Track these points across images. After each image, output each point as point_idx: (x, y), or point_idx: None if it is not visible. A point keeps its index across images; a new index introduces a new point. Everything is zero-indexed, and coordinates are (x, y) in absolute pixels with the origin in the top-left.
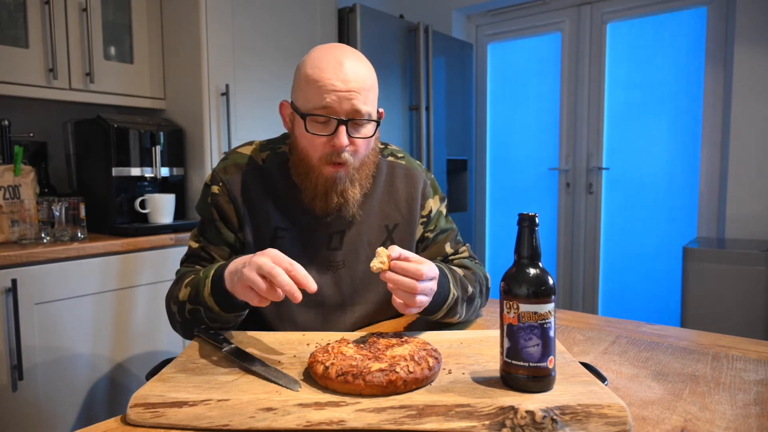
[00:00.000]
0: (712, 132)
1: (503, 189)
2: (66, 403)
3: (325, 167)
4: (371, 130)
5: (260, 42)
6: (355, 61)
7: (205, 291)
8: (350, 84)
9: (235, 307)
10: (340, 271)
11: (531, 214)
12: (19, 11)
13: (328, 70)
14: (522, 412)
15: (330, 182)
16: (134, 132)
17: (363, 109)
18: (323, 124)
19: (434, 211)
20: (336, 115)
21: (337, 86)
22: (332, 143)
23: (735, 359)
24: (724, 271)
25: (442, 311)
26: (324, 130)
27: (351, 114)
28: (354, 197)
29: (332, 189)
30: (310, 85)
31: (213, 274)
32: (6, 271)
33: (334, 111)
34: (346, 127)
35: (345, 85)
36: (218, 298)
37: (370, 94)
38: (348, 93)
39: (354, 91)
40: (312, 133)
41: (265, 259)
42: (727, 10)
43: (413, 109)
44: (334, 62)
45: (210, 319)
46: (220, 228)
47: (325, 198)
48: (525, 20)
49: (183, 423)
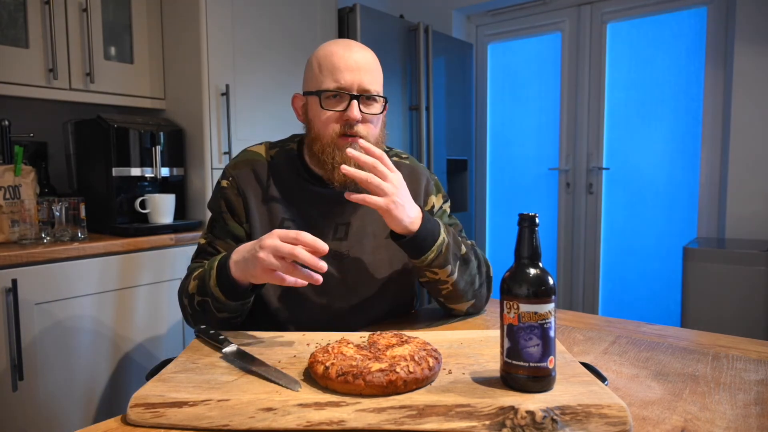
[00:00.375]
0: (712, 132)
1: (503, 189)
2: (66, 403)
3: (339, 140)
4: (380, 108)
5: (260, 42)
6: (362, 48)
7: (210, 282)
8: (360, 63)
9: (240, 294)
10: (345, 261)
11: (531, 214)
12: (19, 11)
13: (339, 54)
14: (522, 412)
15: (346, 155)
16: (134, 132)
17: (372, 87)
18: (336, 100)
19: (437, 208)
20: (348, 90)
21: (349, 65)
22: (345, 117)
23: (735, 359)
24: (724, 271)
25: (432, 252)
26: (337, 105)
27: (361, 90)
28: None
29: (348, 162)
30: (323, 68)
31: (217, 265)
32: (6, 271)
33: (346, 87)
34: (357, 102)
35: (356, 65)
36: (223, 288)
37: (377, 76)
38: (359, 71)
39: (363, 70)
40: (326, 109)
41: (276, 241)
42: (727, 10)
43: (413, 109)
44: (343, 48)
45: (217, 309)
46: (227, 220)
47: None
48: (525, 20)
49: (183, 423)
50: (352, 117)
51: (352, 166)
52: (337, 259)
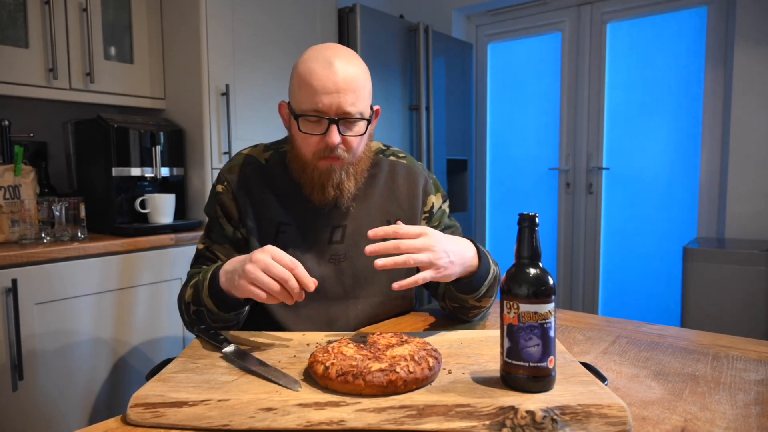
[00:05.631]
0: (712, 132)
1: (503, 189)
2: (66, 403)
3: (319, 162)
4: (363, 128)
5: (260, 42)
6: (345, 61)
7: (203, 293)
8: (340, 85)
9: (232, 306)
10: (342, 264)
11: (531, 214)
12: (19, 11)
13: (318, 72)
14: (522, 412)
15: (326, 175)
16: (134, 132)
17: (352, 109)
18: (315, 124)
19: (437, 208)
20: (326, 115)
21: (327, 88)
22: (324, 141)
23: (735, 359)
24: (724, 271)
25: (485, 286)
26: (316, 129)
27: (341, 114)
28: (349, 190)
29: (328, 182)
30: (302, 87)
31: (210, 276)
32: (6, 271)
33: (324, 111)
34: (337, 126)
35: (335, 86)
36: (215, 299)
37: (361, 93)
38: (338, 95)
39: (343, 92)
40: (305, 133)
41: (271, 261)
42: (727, 10)
43: (413, 109)
44: (324, 63)
45: (212, 320)
46: (223, 225)
47: (322, 190)
48: (525, 20)
49: (183, 423)
50: (330, 143)
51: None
52: (333, 262)
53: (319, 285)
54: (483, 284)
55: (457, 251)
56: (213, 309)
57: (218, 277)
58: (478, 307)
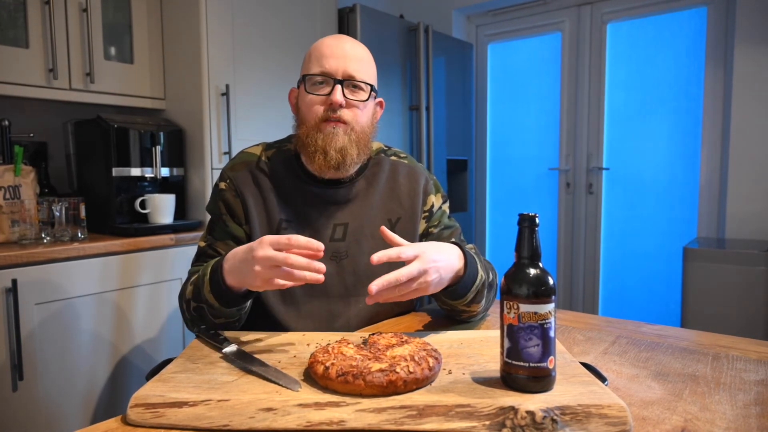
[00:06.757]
0: (712, 132)
1: (503, 189)
2: (66, 403)
3: (323, 124)
4: (366, 96)
5: (260, 42)
6: (354, 42)
7: (204, 289)
8: (347, 52)
9: (234, 301)
10: (344, 262)
11: (531, 214)
12: (19, 11)
13: (327, 43)
14: (522, 412)
15: (329, 138)
16: (134, 132)
17: (357, 74)
18: (322, 85)
19: (436, 207)
20: (333, 75)
21: (335, 52)
22: (329, 101)
23: (735, 359)
24: (724, 271)
25: (472, 292)
26: (322, 90)
27: (346, 76)
28: (352, 157)
29: (330, 145)
30: (312, 56)
31: (210, 271)
32: (6, 271)
33: (330, 72)
34: (341, 87)
35: (342, 52)
36: (217, 294)
37: (367, 65)
38: (344, 59)
39: (350, 58)
40: (311, 93)
41: (268, 251)
42: (727, 10)
43: (413, 109)
44: (334, 38)
45: (213, 316)
46: (227, 222)
47: (324, 155)
48: (525, 20)
49: (183, 423)
50: (334, 101)
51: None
52: (335, 259)
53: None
54: (469, 291)
55: (446, 263)
56: (214, 304)
57: (220, 273)
58: (469, 312)
